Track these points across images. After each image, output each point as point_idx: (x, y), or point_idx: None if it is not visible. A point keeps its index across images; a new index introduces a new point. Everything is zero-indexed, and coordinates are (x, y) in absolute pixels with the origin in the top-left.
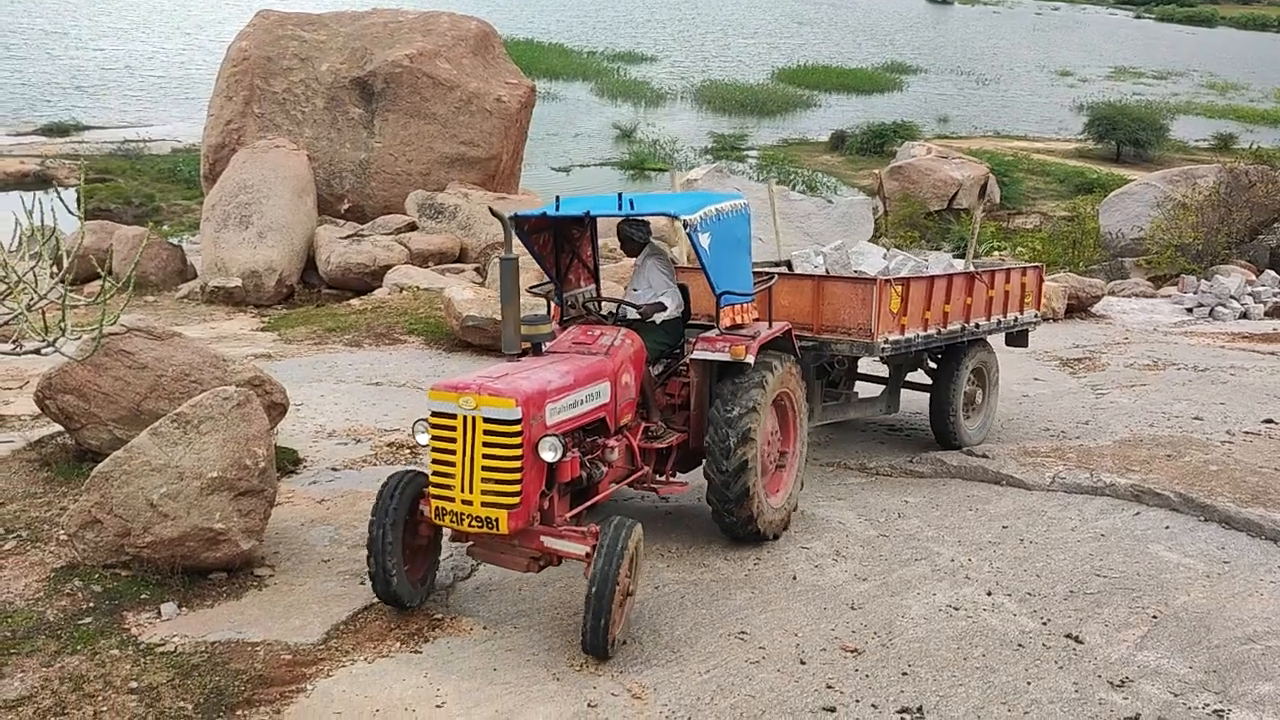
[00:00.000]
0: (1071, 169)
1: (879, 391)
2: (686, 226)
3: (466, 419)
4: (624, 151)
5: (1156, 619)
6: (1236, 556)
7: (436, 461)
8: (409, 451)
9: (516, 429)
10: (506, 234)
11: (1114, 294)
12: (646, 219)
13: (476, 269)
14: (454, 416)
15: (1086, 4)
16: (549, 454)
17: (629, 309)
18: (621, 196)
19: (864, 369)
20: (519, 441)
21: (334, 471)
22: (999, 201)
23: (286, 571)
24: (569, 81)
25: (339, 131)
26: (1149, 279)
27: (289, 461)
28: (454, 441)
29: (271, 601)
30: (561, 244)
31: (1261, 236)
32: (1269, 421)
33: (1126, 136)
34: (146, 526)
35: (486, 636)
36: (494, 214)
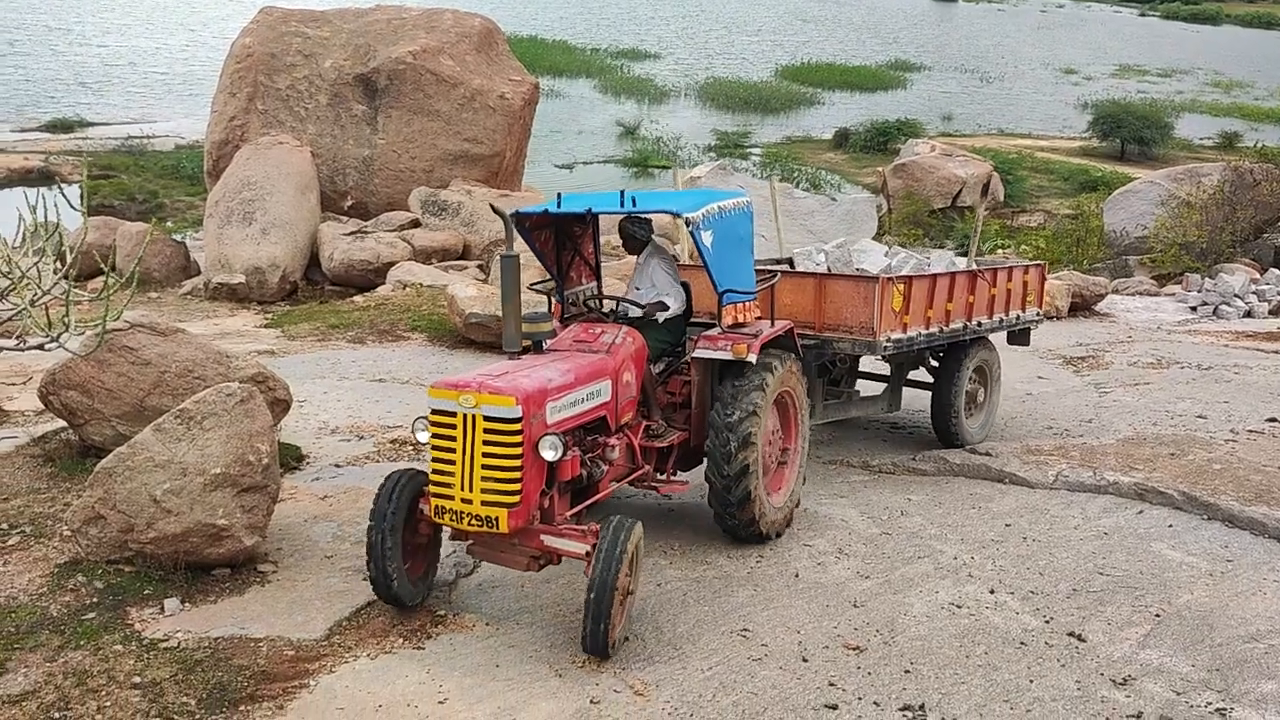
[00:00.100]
0: (1076, 167)
1: (881, 390)
2: (689, 224)
3: (467, 417)
4: (627, 149)
5: (1159, 617)
6: (1239, 555)
7: (436, 460)
8: (411, 448)
9: (517, 427)
10: (508, 231)
11: (1118, 292)
12: (649, 216)
13: (480, 266)
14: (454, 415)
15: (1091, 1)
16: (549, 453)
17: (631, 307)
18: (624, 194)
19: (866, 367)
20: (519, 440)
21: (337, 468)
22: (1003, 199)
23: (289, 567)
24: (572, 78)
25: (342, 128)
26: (1153, 277)
27: (292, 458)
28: (454, 440)
29: (275, 597)
30: (563, 241)
31: (1266, 235)
32: (1273, 420)
33: (1131, 134)
34: (150, 522)
35: (489, 633)
36: (495, 211)
